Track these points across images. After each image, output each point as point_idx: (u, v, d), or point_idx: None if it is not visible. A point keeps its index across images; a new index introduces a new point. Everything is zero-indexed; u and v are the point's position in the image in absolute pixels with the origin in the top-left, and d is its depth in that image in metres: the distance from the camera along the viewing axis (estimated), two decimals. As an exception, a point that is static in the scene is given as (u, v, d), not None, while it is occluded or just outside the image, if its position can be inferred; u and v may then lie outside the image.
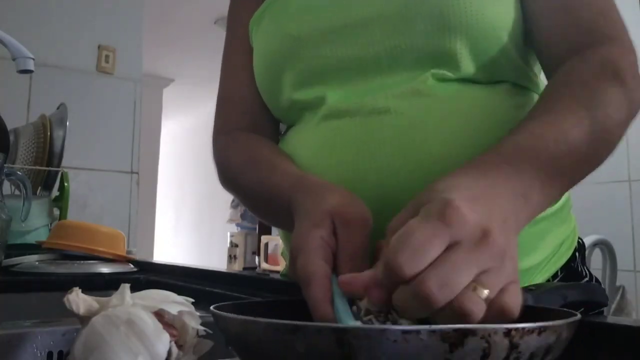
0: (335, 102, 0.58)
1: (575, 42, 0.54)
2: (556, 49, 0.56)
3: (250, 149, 0.65)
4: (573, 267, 0.62)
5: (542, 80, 0.62)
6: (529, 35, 0.58)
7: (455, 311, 0.30)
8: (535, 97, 0.60)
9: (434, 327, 0.26)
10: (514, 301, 0.32)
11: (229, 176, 0.66)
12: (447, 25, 0.53)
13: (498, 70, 0.56)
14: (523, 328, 0.27)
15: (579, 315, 0.32)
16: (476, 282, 0.31)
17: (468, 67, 0.55)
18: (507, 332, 0.27)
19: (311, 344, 0.27)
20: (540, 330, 0.28)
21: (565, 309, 0.35)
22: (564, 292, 0.44)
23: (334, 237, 0.42)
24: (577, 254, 0.63)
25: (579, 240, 0.65)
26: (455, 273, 0.30)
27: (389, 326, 0.27)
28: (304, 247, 0.41)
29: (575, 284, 0.59)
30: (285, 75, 0.61)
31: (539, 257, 0.58)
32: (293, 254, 0.42)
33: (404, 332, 0.26)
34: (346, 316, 0.34)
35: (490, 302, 0.31)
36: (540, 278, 0.58)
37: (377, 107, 0.55)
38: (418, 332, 0.26)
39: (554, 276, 0.60)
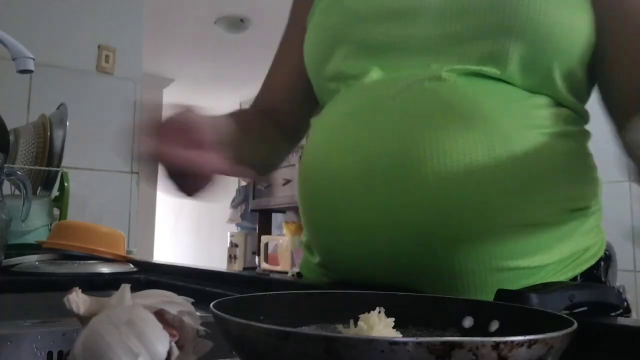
0: (377, 75, 0.61)
1: None
2: (635, 93, 0.54)
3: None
4: (595, 275, 0.62)
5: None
6: (597, 66, 0.57)
7: None
8: (573, 116, 0.60)
9: (420, 339, 0.26)
10: None
11: None
12: (504, 24, 0.53)
13: (543, 81, 0.56)
14: (512, 341, 0.27)
15: (574, 326, 0.31)
16: None
17: (514, 71, 0.55)
18: (496, 346, 0.27)
19: (301, 351, 0.28)
20: (530, 343, 0.27)
21: (566, 316, 0.34)
22: (571, 292, 0.43)
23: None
24: (601, 262, 0.63)
25: (606, 252, 0.65)
26: None
27: (376, 337, 0.28)
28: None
29: (585, 284, 0.59)
30: (339, 46, 0.64)
31: (553, 258, 0.58)
32: None
33: (391, 342, 0.26)
34: None
35: None
36: (555, 280, 0.58)
37: (424, 77, 0.56)
38: (405, 343, 0.26)
39: (573, 280, 0.59)
